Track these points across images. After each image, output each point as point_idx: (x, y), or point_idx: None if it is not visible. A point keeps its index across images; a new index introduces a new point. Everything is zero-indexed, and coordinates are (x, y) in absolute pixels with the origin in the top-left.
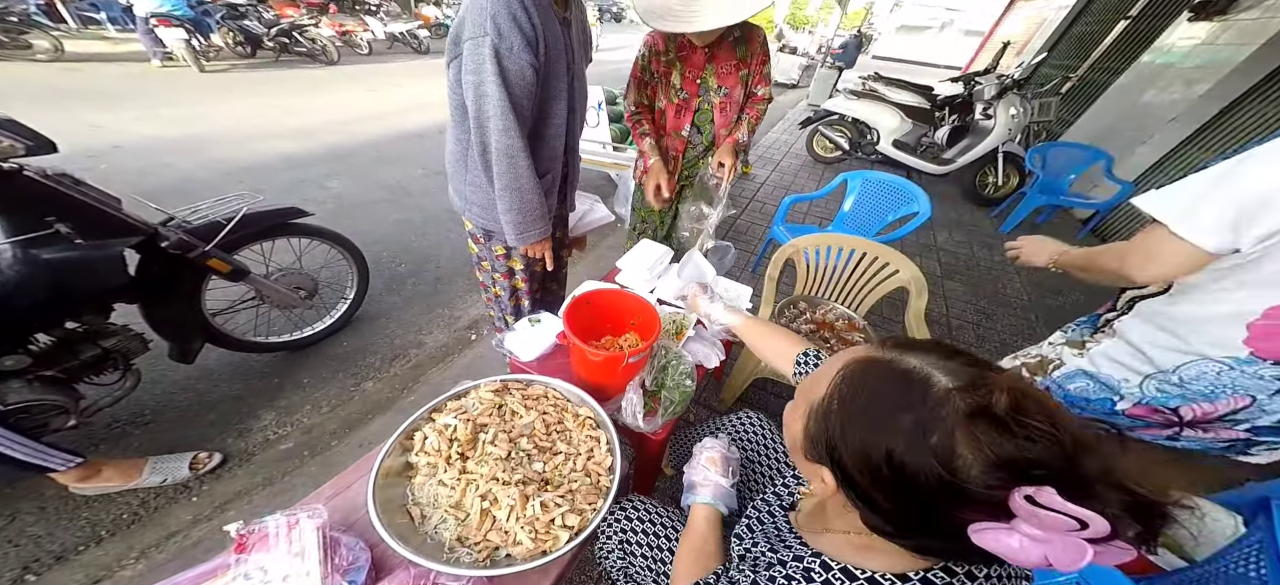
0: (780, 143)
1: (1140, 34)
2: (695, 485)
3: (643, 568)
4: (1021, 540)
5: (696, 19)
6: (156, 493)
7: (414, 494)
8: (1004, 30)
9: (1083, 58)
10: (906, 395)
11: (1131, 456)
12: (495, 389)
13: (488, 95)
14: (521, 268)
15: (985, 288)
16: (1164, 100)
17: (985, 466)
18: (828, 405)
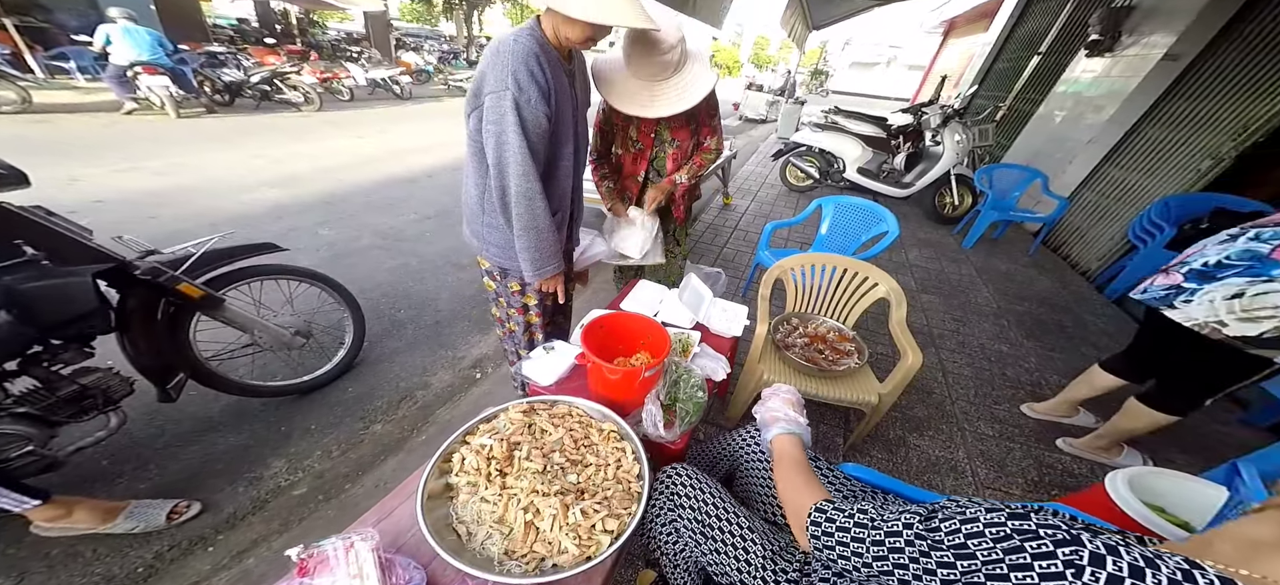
0: (757, 174)
1: (1051, 68)
2: (776, 420)
3: (689, 519)
4: None
5: (655, 108)
6: (170, 544)
7: (458, 513)
8: (941, 65)
9: (1008, 89)
10: None
11: None
12: (524, 410)
13: (508, 143)
14: (535, 302)
15: (957, 299)
16: (1080, 125)
17: None
18: None
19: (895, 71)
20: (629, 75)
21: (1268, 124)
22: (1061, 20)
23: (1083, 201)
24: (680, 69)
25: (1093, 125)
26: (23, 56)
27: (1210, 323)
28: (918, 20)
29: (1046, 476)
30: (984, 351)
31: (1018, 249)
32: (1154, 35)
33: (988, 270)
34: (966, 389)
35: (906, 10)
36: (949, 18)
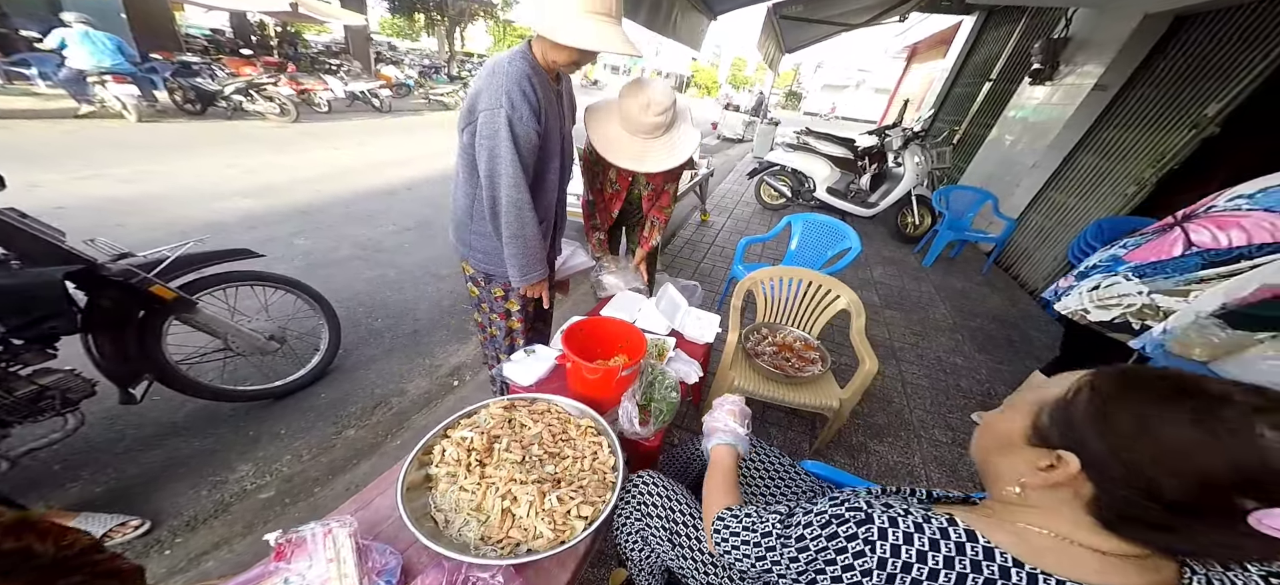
0: (732, 192)
1: (1001, 94)
2: (716, 431)
3: (658, 527)
4: None
5: (646, 164)
6: (123, 547)
7: (436, 502)
8: (905, 89)
9: (964, 114)
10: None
11: None
12: (505, 406)
13: (500, 156)
14: (517, 308)
15: (917, 315)
16: (1024, 150)
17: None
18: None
19: (863, 94)
20: (622, 129)
21: (1180, 153)
22: (1009, 49)
23: (1029, 223)
24: (672, 127)
25: (1036, 150)
26: None
27: (1078, 311)
28: (883, 45)
29: None
30: (940, 364)
31: (973, 268)
32: (1087, 66)
33: (945, 288)
34: (924, 399)
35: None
36: (911, 43)
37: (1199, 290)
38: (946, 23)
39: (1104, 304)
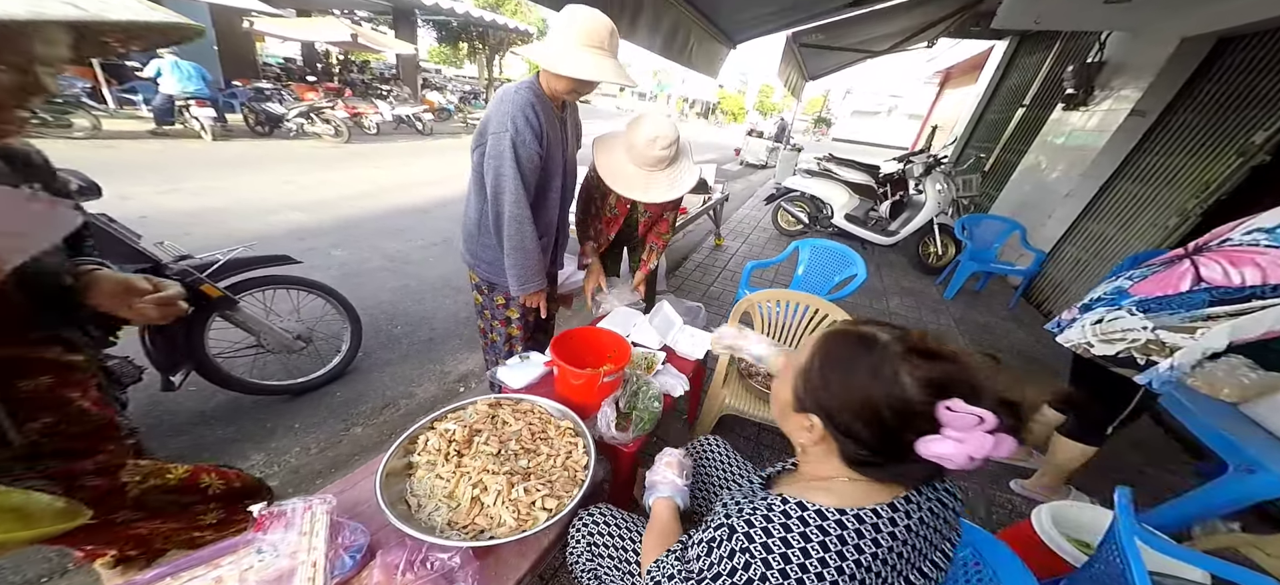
0: (749, 218)
1: (1034, 120)
2: (656, 484)
3: (610, 567)
4: (950, 444)
5: (650, 194)
6: None
7: (412, 488)
8: (938, 114)
9: (996, 141)
10: (866, 348)
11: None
12: (490, 404)
13: (505, 174)
14: (517, 316)
15: None
16: (1058, 178)
17: (918, 385)
18: (810, 366)
19: (896, 120)
20: (628, 161)
21: (1226, 182)
22: (1042, 74)
23: (1063, 255)
24: (675, 162)
25: (1070, 178)
26: (101, 90)
27: (1081, 344)
28: (915, 71)
29: (995, 514)
30: None
31: (999, 302)
32: (1124, 91)
33: (966, 321)
34: None
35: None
36: (944, 69)
37: (1205, 327)
38: (979, 48)
39: (1108, 338)
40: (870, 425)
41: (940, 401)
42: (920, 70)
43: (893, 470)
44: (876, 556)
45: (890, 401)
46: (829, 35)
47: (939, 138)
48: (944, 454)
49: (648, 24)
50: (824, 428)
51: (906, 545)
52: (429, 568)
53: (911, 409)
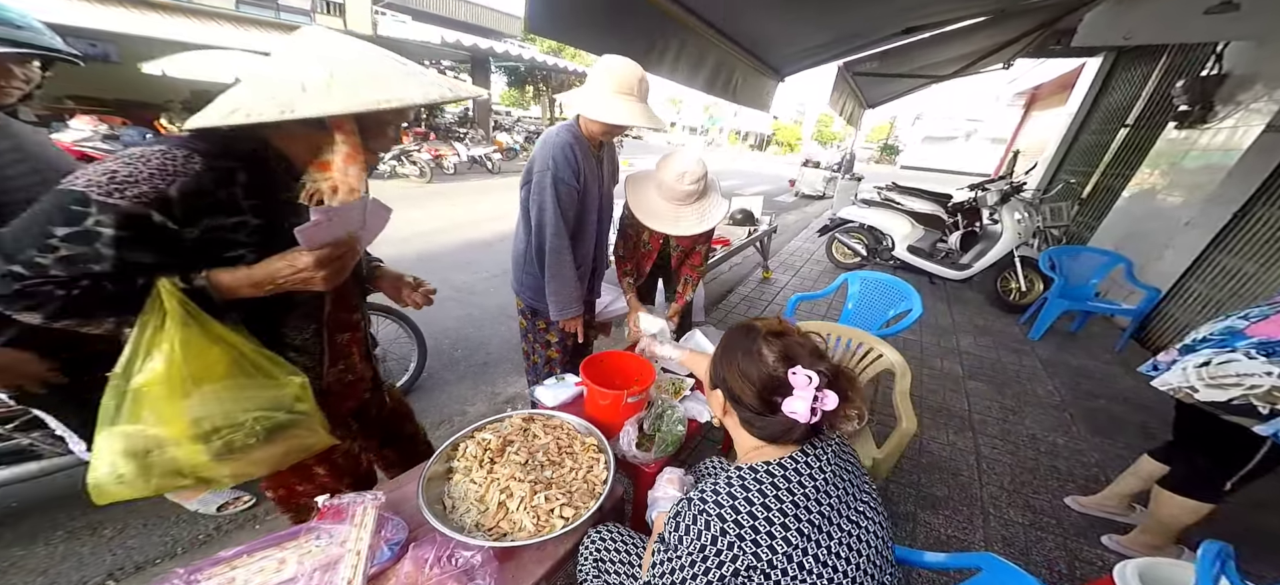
0: (802, 251)
1: (1140, 142)
2: (657, 500)
3: (618, 579)
4: (799, 401)
5: (679, 228)
6: (229, 521)
7: (449, 491)
8: (1023, 138)
9: (1094, 165)
10: (746, 333)
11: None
12: (524, 418)
13: (546, 209)
14: (556, 341)
15: (1011, 389)
16: (1174, 204)
17: (774, 356)
18: (716, 353)
19: (976, 146)
20: (657, 195)
21: None
22: (1148, 90)
23: (1189, 293)
24: (703, 196)
25: (1190, 205)
26: None
27: (1183, 388)
28: (995, 92)
29: (1079, 570)
30: (1034, 442)
31: (1100, 344)
32: (1255, 104)
33: (1057, 364)
34: (1001, 476)
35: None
36: (1028, 89)
37: None
38: (1068, 66)
39: (1218, 382)
40: (750, 390)
41: (790, 370)
42: (1001, 91)
43: (775, 429)
44: (803, 496)
45: (759, 370)
46: (885, 63)
47: (1022, 163)
48: (796, 410)
49: (689, 63)
50: (724, 399)
51: (825, 487)
52: (453, 563)
53: (773, 375)
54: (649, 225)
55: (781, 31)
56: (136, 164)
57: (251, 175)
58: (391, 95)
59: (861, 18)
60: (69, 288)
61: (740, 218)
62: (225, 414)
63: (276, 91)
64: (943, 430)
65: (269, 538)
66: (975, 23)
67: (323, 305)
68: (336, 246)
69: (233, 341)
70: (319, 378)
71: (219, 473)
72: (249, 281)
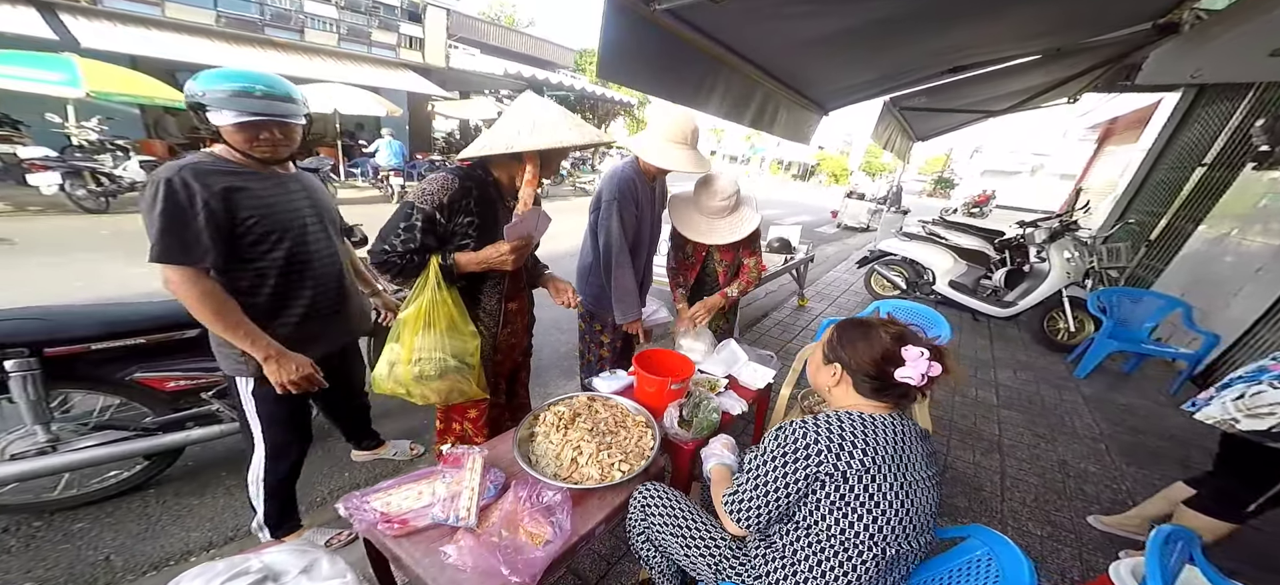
0: (840, 281)
1: (1216, 183)
2: (710, 455)
3: (658, 527)
4: (910, 368)
5: (712, 237)
6: (384, 466)
7: (533, 450)
8: (1095, 175)
9: (1165, 205)
10: (862, 327)
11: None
12: (588, 398)
13: (613, 231)
14: (608, 342)
15: (1046, 420)
16: (1247, 250)
17: (890, 339)
18: (834, 339)
19: (1043, 181)
20: (695, 211)
21: None
22: (1229, 129)
23: (1260, 341)
24: (735, 210)
25: (1264, 252)
26: (339, 167)
27: (1225, 420)
28: (1063, 126)
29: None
30: (1063, 467)
31: (1154, 385)
32: None
33: (1101, 400)
34: (1025, 494)
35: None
36: (1103, 123)
37: None
38: (1148, 100)
39: (1254, 412)
40: (869, 362)
41: (903, 347)
42: (1072, 126)
43: (883, 392)
44: (890, 442)
45: (879, 347)
46: (933, 98)
47: (1091, 202)
48: (908, 374)
49: (735, 99)
50: (841, 370)
51: (904, 443)
52: (540, 500)
53: (889, 352)
54: (689, 236)
55: (826, 70)
56: (432, 184)
57: (480, 192)
58: (558, 138)
59: (906, 57)
60: (402, 259)
61: (777, 246)
62: (429, 350)
63: (504, 137)
64: (970, 450)
65: (412, 475)
66: (1030, 61)
67: (503, 281)
68: (521, 241)
69: (452, 302)
70: (494, 336)
71: (414, 390)
72: (474, 261)
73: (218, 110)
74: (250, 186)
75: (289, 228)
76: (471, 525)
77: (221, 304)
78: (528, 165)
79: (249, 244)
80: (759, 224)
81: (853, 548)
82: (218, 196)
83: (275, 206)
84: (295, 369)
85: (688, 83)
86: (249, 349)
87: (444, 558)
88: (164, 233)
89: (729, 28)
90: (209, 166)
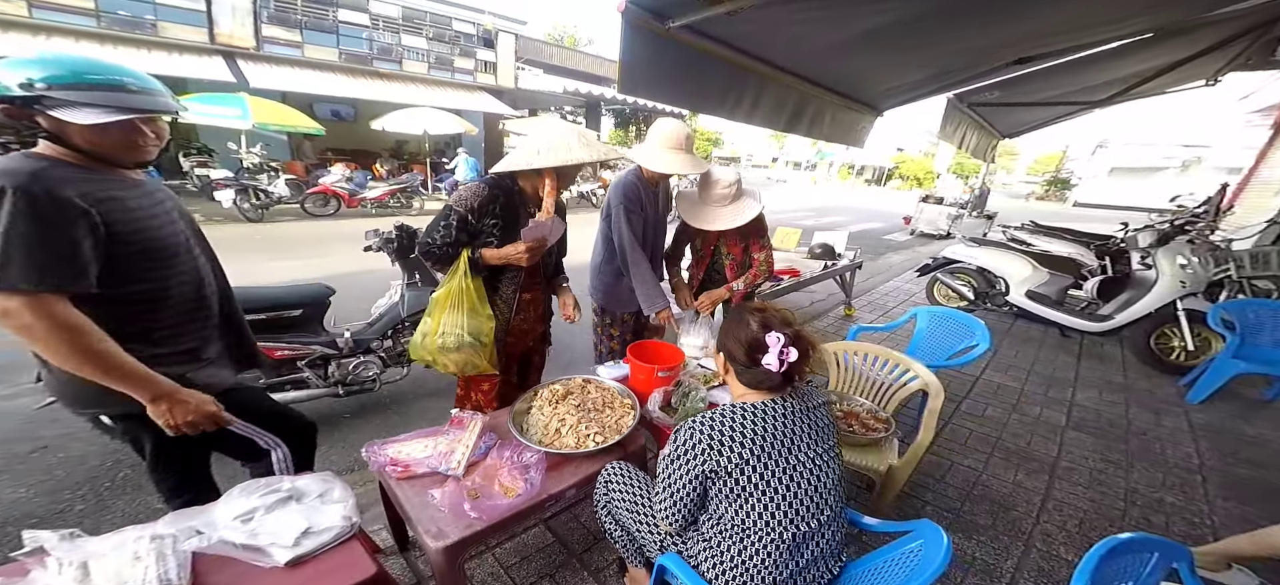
0: (899, 290)
1: None
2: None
3: (618, 501)
4: (773, 355)
5: (713, 224)
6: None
7: (527, 422)
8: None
9: None
10: (738, 313)
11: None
12: (584, 380)
13: (624, 233)
14: (617, 334)
15: (1129, 444)
16: None
17: (756, 324)
18: (721, 329)
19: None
20: (699, 201)
21: None
22: None
23: None
24: (734, 201)
25: None
26: (427, 182)
27: None
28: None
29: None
30: (1131, 495)
31: None
32: None
33: (1217, 430)
34: (1067, 517)
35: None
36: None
37: None
38: None
39: None
40: (740, 349)
41: (768, 333)
42: (1234, 109)
43: (758, 377)
44: (767, 429)
45: (746, 334)
46: (1008, 92)
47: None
48: (769, 361)
49: (769, 106)
50: (724, 358)
51: (789, 428)
52: (519, 460)
53: (755, 337)
54: (693, 223)
55: (869, 71)
56: (466, 191)
57: (505, 198)
58: (572, 156)
59: (958, 52)
60: (440, 250)
61: (819, 251)
62: (453, 326)
63: (525, 155)
64: (1012, 470)
65: (425, 431)
66: (1133, 43)
67: (520, 275)
68: (536, 242)
69: (474, 289)
70: (508, 321)
71: (438, 359)
72: (496, 256)
73: (75, 108)
74: (117, 196)
75: (167, 246)
76: (458, 475)
77: (92, 336)
78: (547, 178)
79: (124, 268)
80: (761, 213)
81: (754, 533)
82: (95, 205)
83: (150, 221)
84: (195, 408)
85: (711, 93)
86: (132, 389)
87: (430, 499)
88: (17, 250)
89: (752, 37)
90: (61, 173)
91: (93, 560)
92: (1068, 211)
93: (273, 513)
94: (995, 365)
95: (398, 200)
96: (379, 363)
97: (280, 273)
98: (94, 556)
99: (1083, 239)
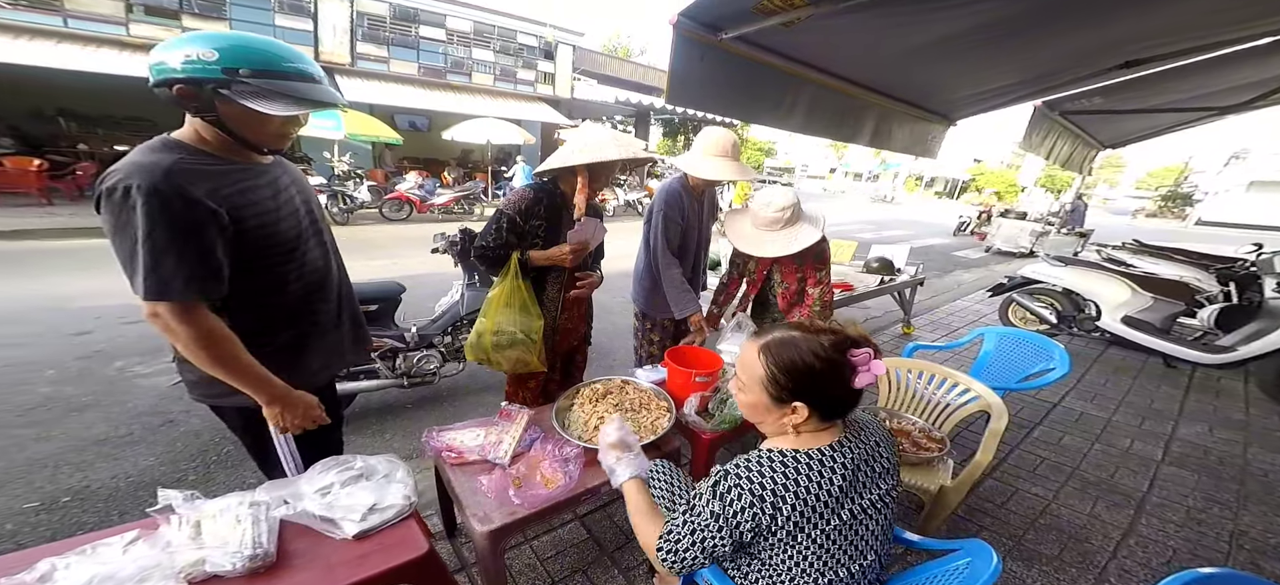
0: (966, 310)
1: None
2: (613, 470)
3: (660, 490)
4: (863, 373)
5: (763, 250)
6: None
7: (568, 417)
8: None
9: None
10: (795, 346)
11: None
12: (622, 381)
13: (658, 239)
14: (657, 339)
15: (1245, 485)
16: None
17: (833, 346)
18: (771, 376)
19: None
20: (749, 224)
21: None
22: None
23: None
24: (790, 225)
25: None
26: (489, 189)
27: None
28: None
29: None
30: (1238, 537)
31: None
32: None
33: None
34: (1150, 554)
35: None
36: None
37: None
38: None
39: None
40: (819, 384)
41: (850, 353)
42: None
43: (828, 415)
44: (830, 482)
45: (831, 363)
46: (1111, 99)
47: None
48: (863, 379)
49: (821, 115)
50: (808, 407)
51: (852, 477)
52: (560, 454)
53: (836, 364)
54: (737, 246)
55: (942, 79)
56: (514, 195)
57: (548, 201)
58: (603, 154)
59: (1055, 55)
60: (493, 252)
61: (876, 265)
62: (505, 325)
63: (563, 157)
64: (1089, 502)
65: (478, 421)
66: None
67: (563, 276)
68: (579, 244)
69: (525, 289)
70: (554, 319)
71: (493, 357)
72: (542, 257)
73: (266, 98)
74: (243, 186)
75: (287, 237)
76: (504, 464)
77: (228, 344)
78: (579, 177)
79: (247, 261)
80: (823, 240)
81: (801, 579)
82: (223, 204)
83: (273, 212)
84: (303, 411)
85: (763, 103)
86: (252, 392)
87: (478, 485)
88: (162, 258)
89: (810, 46)
90: (194, 166)
91: (205, 519)
92: (1187, 230)
93: (346, 488)
94: (1078, 392)
95: (461, 206)
96: (439, 357)
97: (360, 271)
98: (206, 516)
99: (1201, 261)
